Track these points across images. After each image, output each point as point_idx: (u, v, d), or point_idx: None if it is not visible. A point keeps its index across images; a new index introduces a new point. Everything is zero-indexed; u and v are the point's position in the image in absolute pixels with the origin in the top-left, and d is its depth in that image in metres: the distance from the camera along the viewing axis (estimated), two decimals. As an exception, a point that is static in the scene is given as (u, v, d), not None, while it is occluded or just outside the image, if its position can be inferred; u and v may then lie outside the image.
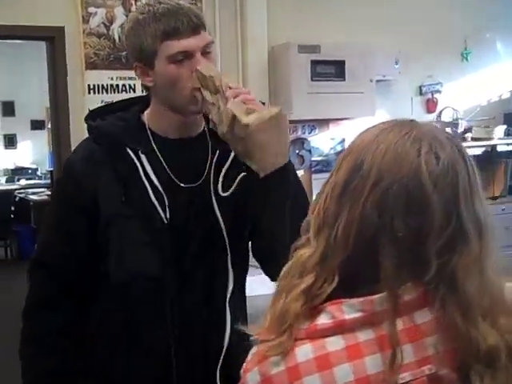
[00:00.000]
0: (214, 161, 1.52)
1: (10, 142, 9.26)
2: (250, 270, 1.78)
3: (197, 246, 1.51)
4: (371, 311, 0.84)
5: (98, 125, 1.54)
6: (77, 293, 1.53)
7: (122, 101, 1.66)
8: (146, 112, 1.56)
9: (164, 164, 1.51)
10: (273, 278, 1.21)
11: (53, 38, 3.62)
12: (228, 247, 1.52)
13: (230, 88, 1.40)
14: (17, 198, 7.88)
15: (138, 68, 1.48)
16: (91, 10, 3.67)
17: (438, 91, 5.06)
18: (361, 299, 0.84)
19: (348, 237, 0.86)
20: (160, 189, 1.48)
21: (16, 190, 8.12)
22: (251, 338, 0.89)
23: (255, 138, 1.34)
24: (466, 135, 4.82)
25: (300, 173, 4.44)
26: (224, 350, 1.49)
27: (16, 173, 8.97)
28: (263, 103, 1.46)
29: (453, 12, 4.91)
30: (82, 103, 3.69)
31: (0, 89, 8.68)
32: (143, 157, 1.48)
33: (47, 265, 1.54)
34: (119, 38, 3.81)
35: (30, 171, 9.10)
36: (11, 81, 8.53)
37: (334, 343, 0.83)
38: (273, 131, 1.37)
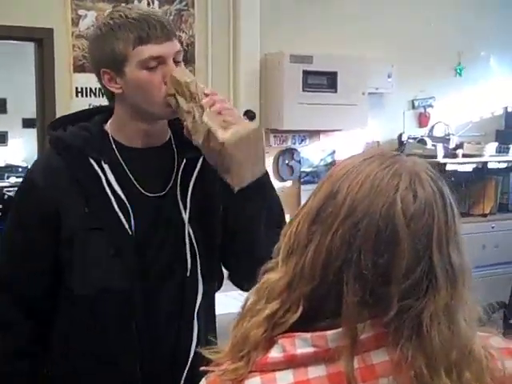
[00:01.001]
0: (181, 169, 1.48)
1: (1, 139, 9.21)
2: (225, 286, 1.74)
3: (165, 257, 1.47)
4: (324, 347, 0.81)
5: (60, 135, 1.50)
6: (40, 311, 1.50)
7: (84, 110, 1.64)
8: (109, 122, 1.52)
9: (128, 174, 1.47)
10: (241, 288, 1.18)
11: (41, 40, 3.58)
12: (198, 257, 1.47)
13: (206, 95, 1.37)
14: (5, 196, 7.81)
15: (105, 74, 1.43)
16: (81, 12, 3.62)
17: (431, 106, 5.03)
18: (315, 334, 0.82)
19: (315, 268, 0.83)
20: (124, 199, 1.43)
21: (5, 187, 8.05)
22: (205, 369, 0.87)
23: (231, 154, 1.32)
24: (457, 151, 4.80)
25: (289, 183, 4.42)
26: (189, 361, 1.47)
27: (6, 170, 8.90)
28: (253, 113, 1.44)
29: (447, 27, 4.89)
30: (70, 106, 3.64)
31: (-8, 86, 8.65)
32: (106, 167, 1.44)
33: (9, 285, 1.50)
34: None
35: (20, 169, 9.02)
36: (4, 78, 8.47)
37: (284, 378, 0.81)
38: (249, 147, 1.35)
